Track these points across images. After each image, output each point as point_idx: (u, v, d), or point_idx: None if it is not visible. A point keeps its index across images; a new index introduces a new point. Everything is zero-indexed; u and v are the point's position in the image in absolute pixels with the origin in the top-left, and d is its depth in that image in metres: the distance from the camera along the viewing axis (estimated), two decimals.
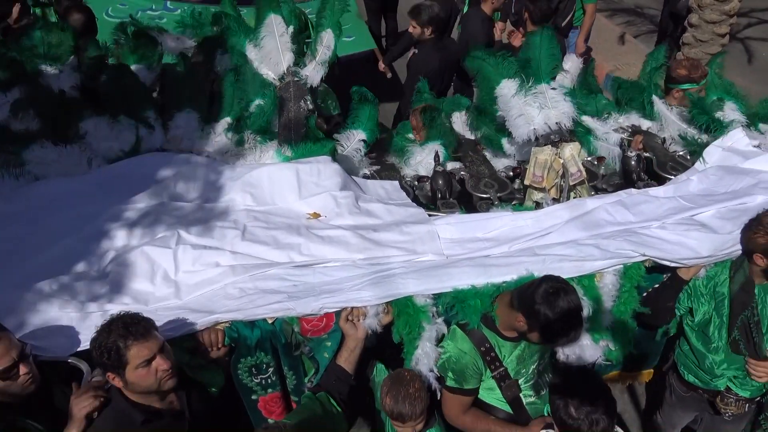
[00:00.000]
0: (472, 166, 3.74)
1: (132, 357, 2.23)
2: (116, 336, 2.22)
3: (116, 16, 5.64)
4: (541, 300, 2.48)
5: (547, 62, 3.56)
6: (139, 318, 2.30)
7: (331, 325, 2.74)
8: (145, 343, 2.25)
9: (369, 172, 3.72)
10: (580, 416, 2.35)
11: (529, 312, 2.52)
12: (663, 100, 4.04)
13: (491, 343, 2.75)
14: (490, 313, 2.72)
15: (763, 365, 2.87)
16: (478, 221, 3.17)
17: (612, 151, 3.79)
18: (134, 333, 2.23)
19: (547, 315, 2.46)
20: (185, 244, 2.98)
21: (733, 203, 3.22)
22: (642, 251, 2.90)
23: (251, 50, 4.38)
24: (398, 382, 2.57)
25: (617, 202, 3.23)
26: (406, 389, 2.54)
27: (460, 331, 2.77)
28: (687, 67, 4.04)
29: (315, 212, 3.27)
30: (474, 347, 2.74)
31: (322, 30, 4.33)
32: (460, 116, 4.28)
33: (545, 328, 2.50)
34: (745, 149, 3.65)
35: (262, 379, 2.81)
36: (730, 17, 6.78)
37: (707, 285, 3.00)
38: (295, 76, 4.06)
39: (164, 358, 2.29)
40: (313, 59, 4.15)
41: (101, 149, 3.64)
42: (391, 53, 6.33)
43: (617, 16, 9.73)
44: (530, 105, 3.49)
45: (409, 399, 2.52)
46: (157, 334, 2.32)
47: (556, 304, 2.46)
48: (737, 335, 2.96)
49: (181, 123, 3.86)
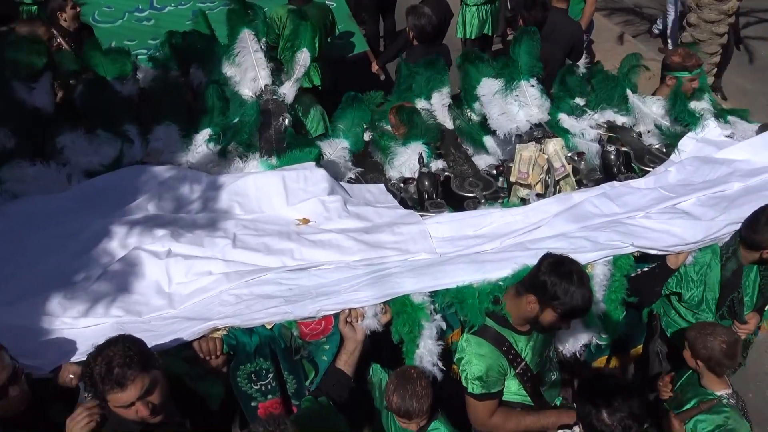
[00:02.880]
0: (455, 166, 3.76)
1: (110, 399, 2.18)
2: (98, 376, 2.15)
3: (103, 20, 5.57)
4: (547, 270, 2.52)
5: (526, 60, 3.62)
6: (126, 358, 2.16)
7: (329, 328, 2.73)
8: (122, 392, 2.15)
9: (354, 175, 3.71)
10: (612, 422, 2.34)
11: (538, 287, 2.54)
12: (636, 95, 4.14)
13: (509, 341, 2.76)
14: (501, 312, 2.73)
15: (744, 328, 3.27)
16: (468, 219, 3.20)
17: (590, 147, 3.86)
18: (112, 380, 2.13)
19: (556, 282, 2.49)
20: (176, 255, 2.94)
21: (711, 191, 3.33)
22: (631, 241, 2.96)
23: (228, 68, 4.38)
24: (405, 380, 2.59)
25: (602, 195, 3.30)
26: (414, 387, 2.56)
27: (474, 337, 2.76)
28: (682, 55, 4.13)
29: (304, 218, 3.26)
30: (494, 348, 2.74)
31: (297, 50, 4.35)
32: (441, 97, 4.26)
33: (558, 297, 2.50)
34: (717, 139, 3.78)
35: (262, 385, 2.77)
36: (728, 17, 6.84)
37: (698, 272, 3.11)
38: (273, 94, 4.06)
39: (144, 404, 2.19)
40: (289, 79, 4.15)
41: (80, 164, 3.57)
42: (385, 55, 6.29)
43: (616, 16, 9.73)
44: (511, 103, 3.54)
45: (417, 396, 2.54)
46: (142, 376, 2.18)
47: (563, 270, 2.50)
48: (724, 311, 3.23)
49: (160, 135, 3.82)
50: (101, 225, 3.13)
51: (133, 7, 5.88)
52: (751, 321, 3.28)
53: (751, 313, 3.29)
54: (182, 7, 5.91)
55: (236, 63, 4.29)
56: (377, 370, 2.92)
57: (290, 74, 4.33)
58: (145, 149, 3.77)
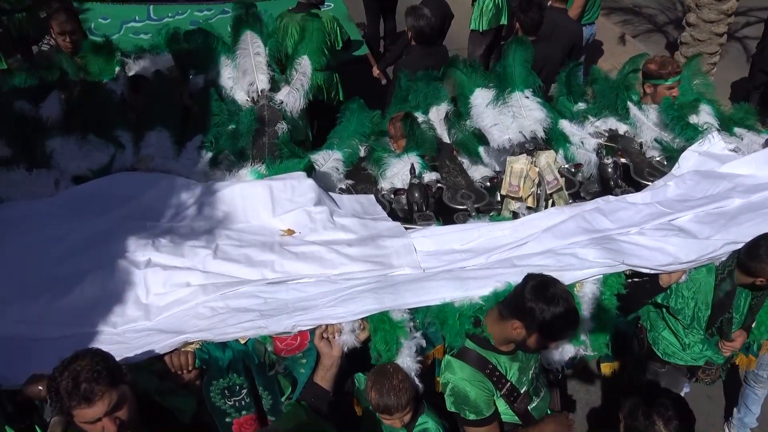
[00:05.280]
0: (448, 177, 3.68)
1: (76, 415, 2.14)
2: (64, 390, 2.11)
3: (99, 32, 5.56)
4: (532, 296, 2.44)
5: (521, 71, 3.54)
6: (94, 373, 2.12)
7: (305, 343, 2.67)
8: (89, 408, 2.12)
9: (344, 185, 3.65)
10: None
11: (524, 313, 2.47)
12: (637, 104, 4.03)
13: (492, 363, 2.69)
14: (482, 334, 2.66)
15: (730, 345, 3.30)
16: (455, 233, 3.12)
17: (590, 157, 3.76)
18: (79, 395, 2.09)
19: (543, 308, 2.42)
20: (155, 266, 2.90)
21: (710, 207, 3.21)
22: (622, 259, 2.86)
23: (225, 68, 4.35)
24: (382, 376, 2.58)
25: (595, 210, 3.20)
26: (390, 381, 2.55)
27: (457, 361, 2.69)
28: (658, 63, 4.05)
29: (289, 229, 3.21)
30: (476, 371, 2.67)
31: (298, 56, 4.30)
32: (438, 113, 4.19)
33: (545, 323, 2.44)
34: (721, 153, 3.64)
35: (236, 401, 2.72)
36: (728, 16, 6.81)
37: (690, 288, 3.03)
38: (269, 100, 4.01)
39: (111, 420, 2.15)
40: (287, 84, 4.10)
41: (69, 169, 3.56)
42: (386, 59, 6.21)
43: (615, 16, 9.67)
44: (504, 114, 3.45)
45: (394, 390, 2.53)
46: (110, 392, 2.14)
47: (548, 295, 2.43)
48: (714, 330, 3.22)
49: (152, 141, 3.80)
50: (83, 232, 3.10)
51: (130, 18, 5.89)
52: (738, 339, 3.27)
53: (738, 331, 3.26)
54: (180, 17, 5.91)
55: (236, 65, 4.27)
56: (362, 380, 2.87)
57: (289, 80, 4.29)
58: (136, 155, 3.75)
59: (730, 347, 3.29)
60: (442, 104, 4.17)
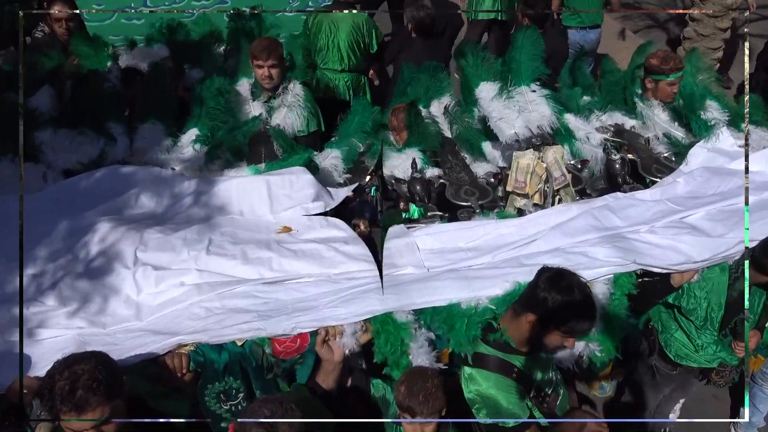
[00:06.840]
0: (451, 173, 3.57)
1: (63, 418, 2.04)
2: (58, 391, 2.01)
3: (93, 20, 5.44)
4: (545, 285, 2.35)
5: (528, 64, 3.44)
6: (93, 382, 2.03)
7: (305, 345, 2.57)
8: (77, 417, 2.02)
9: (343, 180, 3.54)
10: None
11: (538, 304, 2.37)
12: (644, 99, 3.94)
13: (517, 366, 2.54)
14: (501, 339, 2.53)
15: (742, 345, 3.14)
16: (460, 230, 3.01)
17: (596, 153, 3.66)
18: (72, 402, 2.00)
19: (557, 298, 2.32)
20: (145, 264, 2.79)
21: (722, 204, 3.12)
22: (633, 258, 2.77)
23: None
24: (418, 375, 2.43)
25: (604, 207, 3.10)
26: (424, 382, 2.38)
27: (479, 371, 2.53)
28: (660, 58, 3.95)
29: (286, 226, 3.10)
30: (502, 377, 2.51)
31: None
32: (440, 107, 4.07)
33: (558, 314, 2.33)
34: (730, 149, 3.57)
35: (232, 405, 2.62)
36: (731, 11, 6.74)
37: (703, 288, 2.96)
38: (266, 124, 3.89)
39: None
40: (284, 106, 3.98)
41: (58, 162, 3.46)
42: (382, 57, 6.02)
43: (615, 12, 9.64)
44: (510, 108, 3.35)
45: (424, 392, 2.35)
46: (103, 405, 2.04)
47: (563, 285, 2.34)
48: (727, 331, 3.13)
49: (145, 134, 3.71)
50: (72, 228, 3.00)
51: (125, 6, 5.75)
52: (752, 339, 3.17)
53: (753, 331, 3.16)
54: (176, 6, 5.78)
55: None
56: (378, 386, 2.74)
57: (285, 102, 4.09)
58: (129, 148, 3.65)
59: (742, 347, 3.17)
60: (444, 97, 4.07)
